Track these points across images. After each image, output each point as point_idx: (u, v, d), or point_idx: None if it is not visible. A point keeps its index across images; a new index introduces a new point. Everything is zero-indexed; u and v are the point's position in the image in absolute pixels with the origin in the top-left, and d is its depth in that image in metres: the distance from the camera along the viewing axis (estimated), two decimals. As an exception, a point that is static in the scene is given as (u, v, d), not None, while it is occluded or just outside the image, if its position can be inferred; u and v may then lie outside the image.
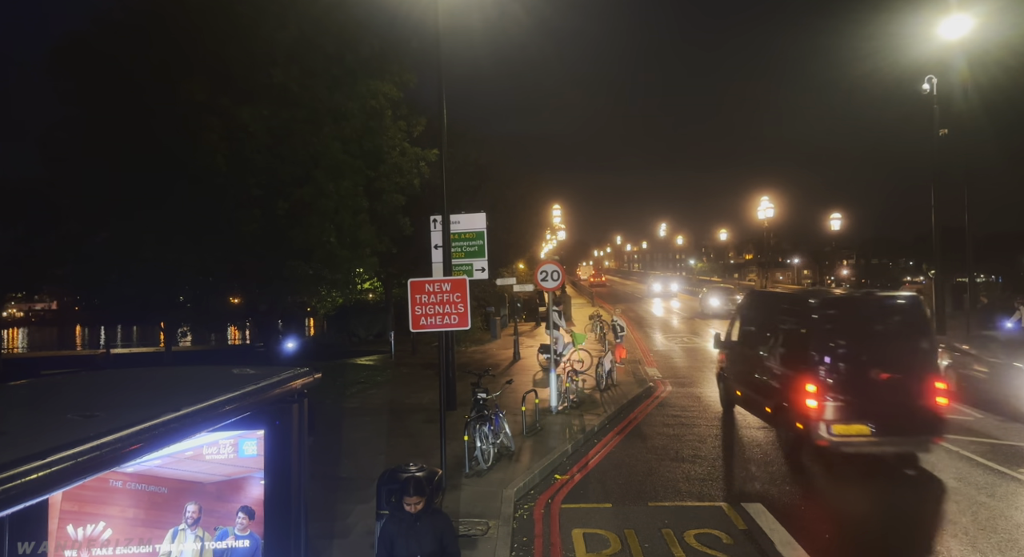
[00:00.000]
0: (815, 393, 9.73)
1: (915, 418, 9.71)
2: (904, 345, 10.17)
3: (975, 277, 30.12)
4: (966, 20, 22.98)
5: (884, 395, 9.76)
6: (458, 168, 27.09)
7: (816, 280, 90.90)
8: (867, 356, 10.03)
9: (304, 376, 2.87)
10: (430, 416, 13.10)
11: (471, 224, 15.40)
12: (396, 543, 4.58)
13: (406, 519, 4.57)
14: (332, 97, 18.46)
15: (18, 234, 22.94)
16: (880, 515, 8.05)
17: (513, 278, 26.49)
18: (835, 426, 9.62)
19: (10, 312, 67.32)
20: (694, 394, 16.07)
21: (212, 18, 17.02)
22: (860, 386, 9.80)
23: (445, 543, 4.58)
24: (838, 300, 11.62)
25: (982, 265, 62.52)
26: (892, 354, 10.10)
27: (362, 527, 7.55)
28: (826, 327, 10.28)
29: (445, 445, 8.50)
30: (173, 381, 3.06)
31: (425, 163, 20.94)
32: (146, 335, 56.87)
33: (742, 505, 8.43)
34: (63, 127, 18.47)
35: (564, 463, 10.45)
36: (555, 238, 72.89)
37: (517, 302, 29.46)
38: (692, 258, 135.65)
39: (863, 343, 10.16)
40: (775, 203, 52.32)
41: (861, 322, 10.54)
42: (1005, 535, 7.40)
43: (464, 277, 8.77)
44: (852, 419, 9.66)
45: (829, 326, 10.30)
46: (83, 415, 1.84)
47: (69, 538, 2.81)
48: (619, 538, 7.46)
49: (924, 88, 25.11)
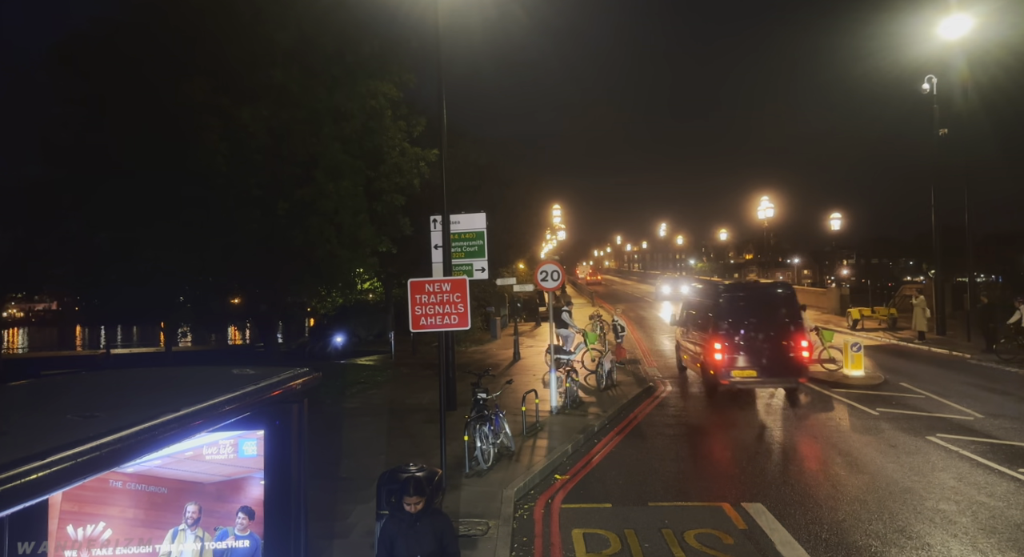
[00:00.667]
0: (720, 350, 14.41)
1: (786, 366, 14.38)
2: (779, 317, 14.81)
3: (975, 277, 30.12)
4: (966, 20, 22.99)
5: (765, 351, 14.43)
6: (458, 168, 27.11)
7: (816, 280, 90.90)
8: (754, 325, 14.72)
9: (304, 376, 2.87)
10: (430, 416, 13.10)
11: (471, 224, 15.39)
12: (396, 543, 4.57)
13: (406, 519, 4.57)
14: (332, 97, 18.47)
15: (18, 234, 22.93)
16: (880, 515, 8.05)
17: (513, 278, 26.49)
18: (734, 372, 14.39)
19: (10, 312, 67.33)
20: (694, 394, 16.06)
21: (212, 18, 17.03)
22: (749, 345, 14.49)
23: (445, 543, 4.58)
24: (734, 287, 16.48)
25: (982, 265, 62.58)
26: (771, 324, 14.74)
27: (362, 527, 7.55)
28: (726, 306, 14.96)
29: (445, 445, 8.50)
30: (173, 381, 3.06)
31: (425, 163, 20.95)
32: (146, 335, 56.88)
33: (742, 505, 8.43)
34: (63, 126, 18.47)
35: (564, 463, 10.45)
36: (555, 238, 72.93)
37: (517, 302, 29.47)
38: (692, 258, 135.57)
39: (751, 316, 14.81)
40: (775, 203, 52.30)
41: (750, 303, 15.16)
42: (1005, 535, 7.40)
43: (464, 277, 8.77)
44: (744, 367, 14.40)
45: (728, 306, 14.97)
46: (83, 415, 1.84)
47: (69, 538, 2.81)
48: (619, 538, 7.46)
49: (924, 88, 25.13)
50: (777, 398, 15.17)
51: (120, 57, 17.05)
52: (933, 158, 25.47)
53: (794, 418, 13.48)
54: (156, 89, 16.65)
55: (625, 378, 17.61)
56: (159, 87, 16.63)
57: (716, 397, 15.32)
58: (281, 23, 17.24)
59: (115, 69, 17.08)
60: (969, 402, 14.16)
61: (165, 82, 16.56)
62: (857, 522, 7.86)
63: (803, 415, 13.71)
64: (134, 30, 17.16)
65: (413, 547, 4.52)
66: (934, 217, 26.04)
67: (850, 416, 13.44)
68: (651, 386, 16.87)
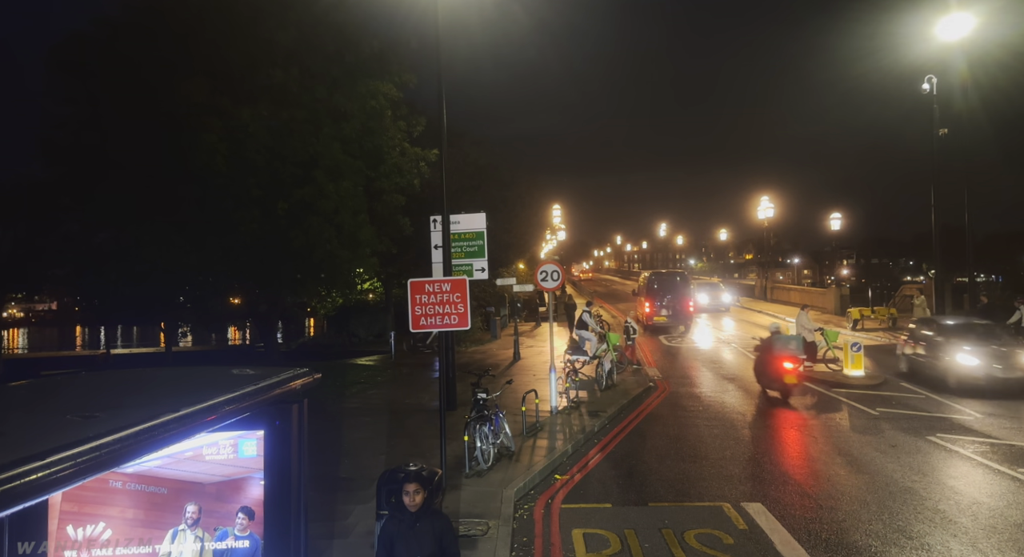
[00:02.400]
0: (647, 305, 30.92)
1: (683, 313, 30.82)
2: (678, 288, 31.32)
3: (975, 276, 30.11)
4: (966, 20, 22.96)
5: (671, 305, 30.64)
6: (458, 168, 27.11)
7: (816, 280, 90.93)
8: (664, 291, 31.02)
9: (304, 376, 2.87)
10: (430, 416, 13.10)
11: (471, 224, 15.39)
12: (396, 544, 4.57)
13: (406, 520, 4.57)
14: (332, 97, 18.47)
15: (18, 234, 22.95)
16: (880, 515, 8.05)
17: (513, 278, 26.48)
18: (655, 317, 30.59)
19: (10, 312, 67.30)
20: (694, 394, 16.07)
21: (212, 19, 17.03)
22: (662, 302, 30.68)
23: (445, 544, 4.58)
24: (655, 273, 34.49)
25: (982, 265, 62.57)
26: (673, 291, 31.07)
27: (362, 527, 7.55)
28: (652, 284, 31.66)
29: (445, 445, 8.49)
30: (173, 381, 3.06)
31: (425, 163, 20.95)
32: (146, 335, 56.86)
33: (742, 505, 8.43)
34: (63, 127, 18.48)
35: (564, 463, 10.45)
36: (555, 238, 72.90)
37: (517, 302, 29.44)
38: (692, 258, 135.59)
39: (663, 288, 31.33)
40: (775, 203, 52.19)
41: (663, 280, 32.14)
42: (1005, 535, 7.40)
43: (464, 277, 8.77)
44: (660, 314, 30.66)
45: (653, 283, 31.70)
46: (83, 416, 1.84)
47: (69, 538, 2.81)
48: (619, 538, 7.47)
49: (924, 88, 25.09)
50: (777, 398, 15.17)
51: (120, 57, 17.05)
52: (933, 158, 25.45)
53: (794, 418, 13.49)
54: (156, 89, 16.65)
55: (625, 378, 17.62)
56: (159, 87, 16.63)
57: (717, 397, 15.32)
58: (281, 23, 17.24)
59: (115, 69, 17.08)
60: (969, 402, 14.17)
61: (165, 82, 16.56)
62: (857, 522, 7.86)
63: (803, 415, 13.71)
64: (134, 31, 17.15)
65: (413, 547, 4.51)
66: (934, 217, 26.00)
67: (850, 416, 13.45)
68: (651, 386, 16.87)
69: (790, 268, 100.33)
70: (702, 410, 14.31)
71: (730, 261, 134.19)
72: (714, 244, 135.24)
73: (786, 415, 13.82)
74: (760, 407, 14.65)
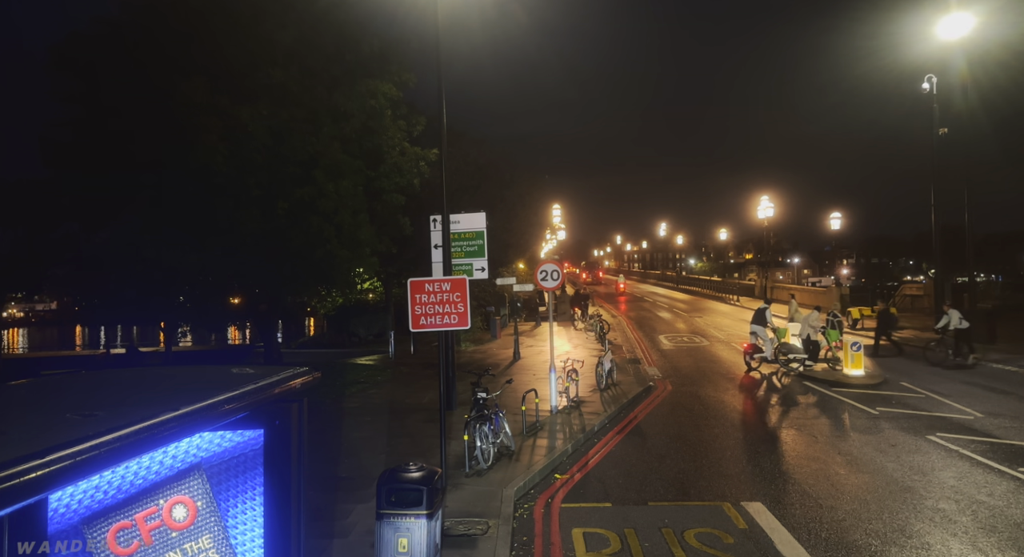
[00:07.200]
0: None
1: None
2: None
3: (975, 276, 30.09)
4: (966, 20, 22.96)
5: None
6: (458, 168, 27.11)
7: (816, 280, 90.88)
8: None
9: (304, 375, 2.86)
10: (430, 416, 13.10)
11: (471, 224, 15.39)
12: None
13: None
14: (332, 97, 18.46)
15: (18, 234, 22.96)
16: (880, 514, 8.05)
17: (513, 278, 26.47)
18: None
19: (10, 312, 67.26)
20: (694, 394, 16.07)
21: (212, 18, 17.01)
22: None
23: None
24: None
25: (982, 264, 62.56)
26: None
27: (362, 527, 7.55)
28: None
29: (445, 445, 8.50)
30: (172, 381, 3.06)
31: (425, 163, 20.93)
32: (146, 335, 56.86)
33: (742, 504, 8.43)
34: (63, 126, 18.47)
35: (564, 462, 10.45)
36: (555, 238, 72.88)
37: (517, 302, 29.45)
38: (692, 258, 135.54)
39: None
40: (775, 202, 52.15)
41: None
42: (1005, 534, 7.40)
43: (464, 277, 8.76)
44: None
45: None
46: (82, 414, 1.84)
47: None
48: (619, 537, 7.47)
49: (924, 87, 25.11)
50: (778, 398, 15.18)
51: (120, 57, 17.04)
52: (933, 158, 25.45)
53: (794, 417, 13.49)
54: (156, 89, 16.64)
55: (625, 378, 17.62)
56: (159, 87, 16.62)
57: (717, 398, 15.32)
58: (281, 23, 17.23)
59: (115, 69, 17.07)
60: (969, 401, 14.17)
61: (165, 82, 16.55)
62: (857, 521, 7.86)
63: (803, 414, 13.71)
64: (134, 30, 17.14)
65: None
66: (934, 217, 26.02)
67: (850, 415, 13.44)
68: (651, 386, 16.87)
69: (790, 268, 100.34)
70: (702, 410, 14.30)
71: (730, 261, 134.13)
72: (714, 244, 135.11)
73: (786, 414, 13.82)
74: (760, 406, 14.66)
